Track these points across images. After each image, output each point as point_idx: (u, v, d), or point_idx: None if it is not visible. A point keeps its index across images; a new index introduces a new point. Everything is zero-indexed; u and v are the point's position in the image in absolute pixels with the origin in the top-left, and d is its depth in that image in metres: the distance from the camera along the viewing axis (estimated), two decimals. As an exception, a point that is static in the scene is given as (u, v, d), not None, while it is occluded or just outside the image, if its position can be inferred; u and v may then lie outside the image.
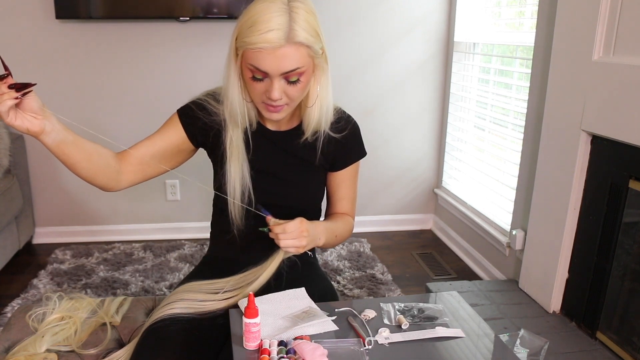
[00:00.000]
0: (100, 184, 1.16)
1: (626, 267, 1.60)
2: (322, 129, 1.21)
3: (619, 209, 1.60)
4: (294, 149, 1.25)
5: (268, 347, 0.93)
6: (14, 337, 1.31)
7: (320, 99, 1.16)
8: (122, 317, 1.39)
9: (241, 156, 1.20)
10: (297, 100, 1.12)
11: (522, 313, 1.86)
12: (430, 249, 2.86)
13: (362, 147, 1.32)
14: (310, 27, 1.04)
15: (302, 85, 1.09)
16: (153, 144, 1.22)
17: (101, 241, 2.84)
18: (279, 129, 1.25)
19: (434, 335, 1.01)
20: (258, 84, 1.08)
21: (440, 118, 3.00)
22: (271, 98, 1.07)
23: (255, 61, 1.04)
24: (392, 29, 2.82)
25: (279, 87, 1.06)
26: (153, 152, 1.21)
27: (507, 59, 2.50)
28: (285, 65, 1.03)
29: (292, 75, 1.05)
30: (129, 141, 3.10)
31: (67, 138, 1.04)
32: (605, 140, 1.63)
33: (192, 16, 2.56)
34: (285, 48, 1.02)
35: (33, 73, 2.61)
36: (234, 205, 1.22)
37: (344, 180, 1.31)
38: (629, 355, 1.56)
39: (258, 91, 1.09)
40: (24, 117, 0.97)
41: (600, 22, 1.59)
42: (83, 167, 1.09)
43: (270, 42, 1.01)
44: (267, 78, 1.06)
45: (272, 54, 1.02)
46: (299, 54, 1.03)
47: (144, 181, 1.24)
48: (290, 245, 1.10)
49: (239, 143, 1.20)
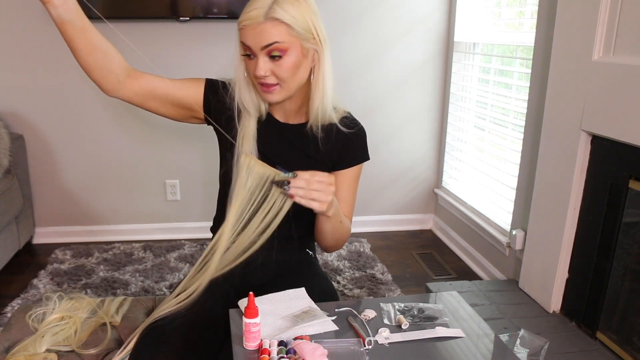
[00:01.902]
0: (95, 80, 1.18)
1: (626, 267, 1.60)
2: (327, 121, 1.24)
3: (619, 209, 1.60)
4: (300, 143, 1.27)
5: (268, 347, 0.93)
6: (14, 337, 1.31)
7: (322, 87, 1.20)
8: (122, 317, 1.39)
9: (251, 144, 1.23)
10: (288, 80, 1.15)
11: (522, 313, 1.86)
12: (430, 249, 2.86)
13: (366, 151, 1.33)
14: (295, 9, 1.11)
15: (288, 64, 1.13)
16: (168, 86, 1.26)
17: (101, 241, 2.84)
18: (287, 121, 1.29)
19: (434, 335, 1.01)
20: (249, 62, 1.15)
21: (440, 118, 3.00)
22: (255, 74, 1.13)
23: (243, 37, 1.13)
24: (392, 29, 2.82)
25: (263, 62, 1.12)
26: (165, 92, 1.25)
27: (507, 59, 2.50)
28: (263, 39, 1.10)
29: (272, 50, 1.11)
30: (128, 140, 3.09)
31: (75, 22, 1.06)
32: (605, 140, 1.63)
33: (192, 16, 2.56)
34: (264, 24, 1.10)
35: (33, 73, 2.62)
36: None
37: (345, 182, 1.31)
38: (629, 355, 1.56)
39: (250, 69, 1.16)
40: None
41: (600, 22, 1.59)
42: (81, 56, 1.11)
43: (251, 19, 1.10)
44: (255, 56, 1.13)
45: (254, 30, 1.10)
46: (276, 30, 1.10)
47: (136, 106, 1.27)
48: (316, 198, 1.04)
49: (249, 131, 1.23)
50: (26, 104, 2.66)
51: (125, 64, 1.21)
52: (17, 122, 2.67)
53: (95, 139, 2.76)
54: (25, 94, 2.64)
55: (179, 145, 2.80)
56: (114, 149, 2.79)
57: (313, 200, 1.05)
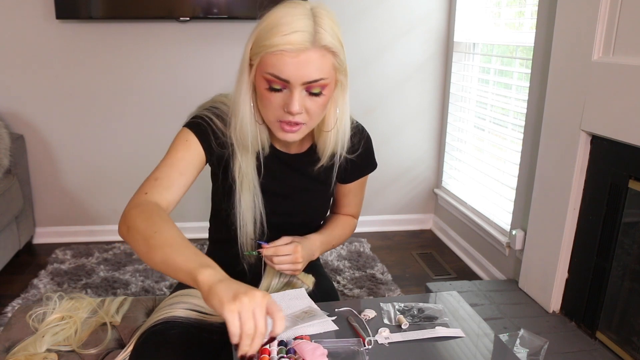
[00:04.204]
0: None
1: (626, 267, 1.60)
2: (338, 153, 1.13)
3: (618, 209, 1.60)
4: (308, 171, 1.17)
5: (268, 347, 0.93)
6: (14, 336, 1.31)
7: (339, 123, 1.08)
8: (122, 317, 1.39)
9: (252, 185, 1.10)
10: (317, 119, 1.03)
11: (521, 313, 1.86)
12: (430, 249, 2.86)
13: (374, 160, 1.28)
14: (335, 34, 0.96)
15: (323, 101, 0.99)
16: (187, 182, 1.06)
17: (101, 241, 2.84)
18: (289, 151, 1.15)
19: (434, 335, 1.01)
20: (275, 96, 0.97)
21: (440, 118, 3.00)
22: (290, 111, 0.96)
23: (276, 67, 0.94)
24: (392, 29, 2.82)
25: (300, 98, 0.96)
26: (187, 185, 1.07)
27: (507, 59, 2.50)
28: (309, 73, 0.94)
29: (314, 86, 0.96)
30: (129, 141, 3.10)
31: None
32: (605, 140, 1.63)
33: (192, 16, 2.56)
34: (310, 52, 0.93)
35: (33, 73, 2.62)
36: (245, 240, 1.15)
37: (352, 190, 1.30)
38: (628, 355, 1.56)
39: (274, 105, 0.98)
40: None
41: (600, 22, 1.59)
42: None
43: (294, 44, 0.92)
44: (287, 89, 0.96)
45: (296, 58, 0.92)
46: (324, 61, 0.95)
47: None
48: (285, 269, 1.10)
49: (249, 171, 1.09)
50: (26, 104, 2.66)
51: (170, 219, 0.97)
52: (17, 122, 2.67)
53: (96, 139, 2.76)
54: (25, 94, 2.65)
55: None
56: (114, 149, 2.79)
57: (283, 271, 1.10)
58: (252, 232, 1.14)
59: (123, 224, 0.96)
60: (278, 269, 1.10)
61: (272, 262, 1.10)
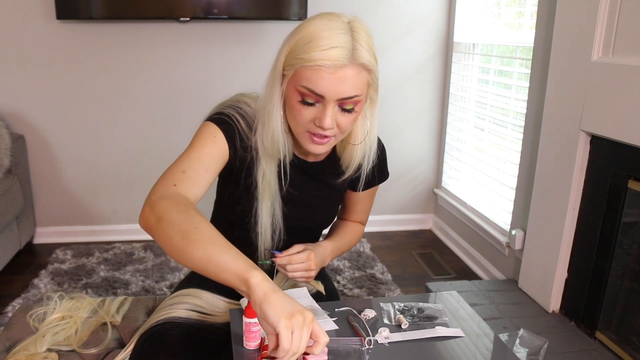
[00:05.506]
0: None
1: (625, 267, 1.60)
2: (364, 166, 1.15)
3: (618, 209, 1.61)
4: (325, 179, 1.18)
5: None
6: (14, 336, 1.31)
7: (368, 137, 1.10)
8: (122, 317, 1.39)
9: (273, 192, 1.09)
10: (346, 133, 1.03)
11: (521, 313, 1.87)
12: (430, 249, 2.87)
13: (387, 170, 1.29)
14: (371, 50, 0.97)
15: (355, 116, 1.00)
16: (211, 178, 1.04)
17: (102, 241, 2.85)
18: (307, 158, 1.15)
19: (434, 335, 1.01)
20: (307, 110, 0.97)
21: (440, 118, 3.00)
22: (322, 126, 0.96)
23: (312, 82, 0.93)
24: (392, 29, 2.83)
25: (332, 114, 0.96)
26: (209, 184, 1.04)
27: (506, 60, 2.51)
28: (345, 90, 0.94)
29: (348, 102, 0.96)
30: (129, 141, 3.09)
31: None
32: (605, 141, 1.64)
33: (192, 16, 2.56)
34: (347, 69, 0.93)
35: (34, 73, 2.62)
36: (262, 247, 1.14)
37: (363, 198, 1.31)
38: (628, 354, 1.57)
39: (305, 118, 0.97)
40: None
41: (600, 23, 1.59)
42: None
43: (333, 60, 0.91)
44: (320, 103, 0.96)
45: (333, 75, 0.92)
46: (360, 78, 0.96)
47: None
48: (298, 277, 1.10)
49: (271, 178, 1.08)
50: (27, 105, 2.66)
51: (201, 213, 0.92)
52: (18, 122, 2.67)
53: (96, 139, 2.77)
54: (26, 94, 2.65)
55: (179, 145, 2.80)
56: (115, 149, 2.79)
57: (297, 279, 1.11)
58: (270, 240, 1.13)
59: (151, 214, 0.89)
60: (291, 277, 1.10)
61: (285, 270, 1.10)
